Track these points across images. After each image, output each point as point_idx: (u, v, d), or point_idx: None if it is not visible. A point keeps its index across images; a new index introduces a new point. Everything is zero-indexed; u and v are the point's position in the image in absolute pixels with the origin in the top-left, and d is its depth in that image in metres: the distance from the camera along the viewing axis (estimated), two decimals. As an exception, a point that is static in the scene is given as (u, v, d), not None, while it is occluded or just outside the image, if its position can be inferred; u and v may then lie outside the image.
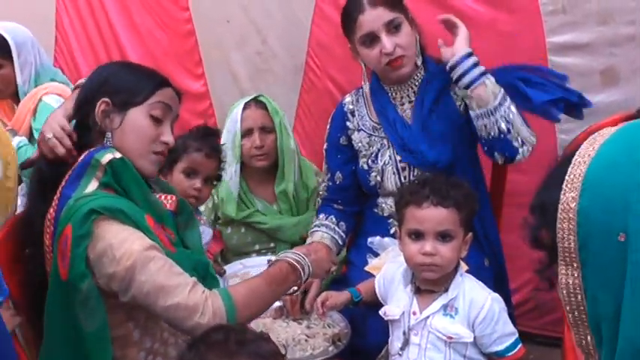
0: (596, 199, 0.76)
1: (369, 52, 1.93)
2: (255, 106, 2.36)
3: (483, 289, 1.65)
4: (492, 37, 2.42)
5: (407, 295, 1.67)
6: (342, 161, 2.12)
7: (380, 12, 1.90)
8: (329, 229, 2.08)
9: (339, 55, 2.63)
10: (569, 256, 0.79)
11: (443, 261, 1.58)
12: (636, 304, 0.73)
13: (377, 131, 2.05)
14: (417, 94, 2.00)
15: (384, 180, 2.02)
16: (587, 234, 0.76)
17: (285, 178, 2.37)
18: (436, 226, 1.57)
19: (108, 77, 1.55)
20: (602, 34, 2.33)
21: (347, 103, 2.13)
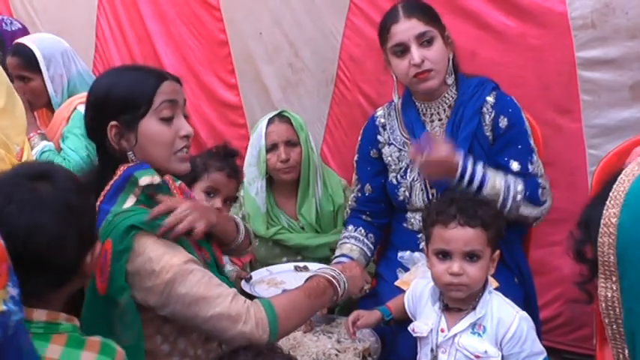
0: (635, 214, 0.80)
1: (398, 63, 1.98)
2: (279, 121, 2.42)
3: (512, 308, 1.68)
4: (522, 51, 2.45)
5: (435, 312, 1.70)
6: (371, 173, 2.16)
7: (413, 23, 1.95)
8: (358, 241, 2.12)
9: (370, 68, 2.69)
10: (609, 270, 0.83)
11: (470, 280, 1.61)
12: None
13: (407, 146, 2.08)
14: (450, 115, 2.03)
15: (413, 196, 2.06)
16: (626, 248, 0.80)
17: (310, 193, 2.41)
18: (463, 247, 1.61)
19: (106, 97, 1.51)
20: (632, 49, 2.33)
21: (379, 117, 2.17)
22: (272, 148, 2.40)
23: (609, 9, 2.31)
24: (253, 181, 2.44)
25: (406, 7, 1.99)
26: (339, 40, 2.75)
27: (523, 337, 1.63)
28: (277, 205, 2.49)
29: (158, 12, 3.08)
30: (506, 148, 1.98)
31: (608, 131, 2.43)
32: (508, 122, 1.98)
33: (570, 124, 2.48)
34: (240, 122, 3.08)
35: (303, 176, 2.42)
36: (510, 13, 2.44)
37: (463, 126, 2.00)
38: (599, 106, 2.44)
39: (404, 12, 1.97)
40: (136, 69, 1.59)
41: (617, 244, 0.81)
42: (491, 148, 2.00)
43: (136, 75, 1.54)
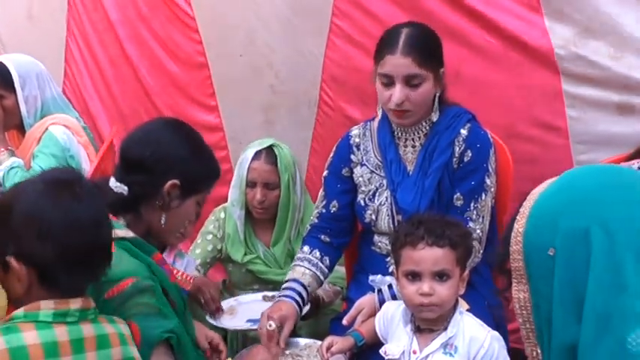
0: (535, 222, 0.98)
1: (381, 90, 2.04)
2: (264, 159, 2.48)
3: (482, 327, 1.74)
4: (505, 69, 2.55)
5: (407, 334, 1.77)
6: (340, 190, 2.20)
7: (407, 62, 1.97)
8: (312, 265, 2.14)
9: (353, 88, 2.78)
10: (519, 274, 1.00)
11: (441, 300, 1.68)
12: (562, 308, 0.93)
13: (379, 169, 2.15)
14: (424, 143, 2.09)
15: (379, 219, 2.12)
16: (530, 253, 0.98)
17: (284, 235, 2.50)
18: (432, 267, 1.68)
19: (182, 159, 1.70)
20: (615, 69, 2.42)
21: (353, 136, 2.23)
22: (251, 184, 2.49)
23: (589, 32, 2.42)
24: (236, 203, 2.53)
25: (407, 41, 1.99)
26: (320, 61, 2.84)
27: (495, 355, 1.70)
28: (255, 235, 2.57)
29: (134, 34, 3.18)
30: (459, 181, 2.06)
31: (596, 147, 2.52)
32: (471, 157, 2.05)
33: (557, 140, 2.57)
34: (222, 144, 3.16)
35: (280, 218, 2.51)
36: (492, 32, 2.54)
37: (436, 156, 2.07)
38: (586, 121, 2.53)
39: (403, 46, 1.98)
40: (211, 154, 1.82)
41: (524, 250, 0.98)
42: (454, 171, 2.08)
43: (210, 159, 1.80)
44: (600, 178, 1.00)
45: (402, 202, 2.08)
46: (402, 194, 2.09)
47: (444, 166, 2.06)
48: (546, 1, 2.44)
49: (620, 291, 0.89)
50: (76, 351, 1.32)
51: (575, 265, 0.92)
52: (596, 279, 0.90)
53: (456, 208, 2.05)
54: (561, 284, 0.93)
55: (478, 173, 2.06)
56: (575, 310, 0.92)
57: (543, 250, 0.95)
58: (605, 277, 0.90)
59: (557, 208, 0.97)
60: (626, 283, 0.89)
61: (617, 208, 0.94)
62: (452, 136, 2.07)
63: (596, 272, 0.91)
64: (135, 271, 1.56)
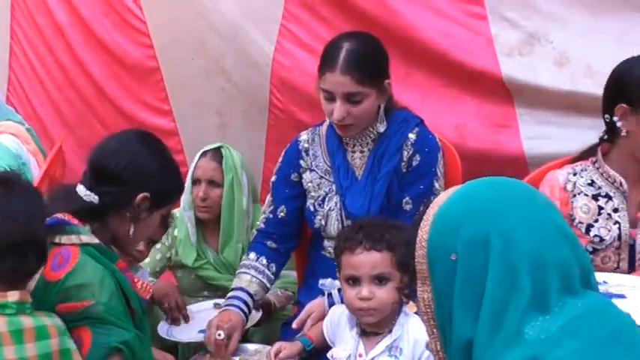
0: (439, 229, 1.08)
1: (324, 102, 2.08)
2: (210, 157, 2.56)
3: None
4: (453, 69, 2.63)
5: (353, 338, 1.83)
6: (289, 196, 2.25)
7: (346, 81, 2.00)
8: (258, 272, 2.18)
9: (303, 92, 2.82)
10: (423, 276, 1.10)
11: (380, 304, 1.74)
12: (461, 307, 1.03)
13: (328, 174, 2.20)
14: (372, 149, 2.14)
15: (328, 224, 2.17)
16: (434, 257, 1.08)
17: (233, 237, 2.53)
18: (370, 271, 1.74)
19: (155, 173, 1.75)
20: (560, 75, 2.54)
21: (302, 141, 2.27)
22: (196, 182, 2.55)
23: (534, 38, 2.52)
24: (187, 205, 2.58)
25: (348, 58, 2.01)
26: (269, 65, 2.89)
27: None
28: (204, 240, 2.62)
29: (85, 38, 3.18)
30: (408, 185, 2.12)
31: (546, 144, 2.60)
32: (420, 161, 2.11)
33: (509, 139, 2.66)
34: (178, 148, 3.19)
35: (224, 219, 2.55)
36: (438, 39, 2.61)
37: (385, 161, 2.13)
38: (537, 119, 2.63)
39: (342, 64, 2.00)
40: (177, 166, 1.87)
41: (428, 255, 1.09)
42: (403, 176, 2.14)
43: (178, 171, 1.87)
44: (498, 189, 1.11)
45: (351, 207, 2.13)
46: (350, 199, 2.14)
47: (392, 171, 2.12)
48: (492, 8, 2.54)
49: (515, 292, 1.00)
50: (17, 342, 1.42)
51: (475, 269, 1.03)
52: (494, 281, 1.01)
53: (405, 212, 2.11)
54: (462, 286, 1.03)
55: (427, 177, 2.12)
56: (473, 308, 1.02)
57: (446, 255, 1.05)
58: (502, 280, 1.00)
59: (458, 216, 1.07)
60: (520, 286, 1.00)
61: (513, 217, 1.04)
62: (400, 141, 2.13)
63: (494, 276, 1.01)
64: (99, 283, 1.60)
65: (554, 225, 1.06)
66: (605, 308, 1.05)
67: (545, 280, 1.00)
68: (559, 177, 2.07)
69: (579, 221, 2.00)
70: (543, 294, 1.00)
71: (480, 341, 1.00)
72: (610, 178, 2.02)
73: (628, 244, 2.00)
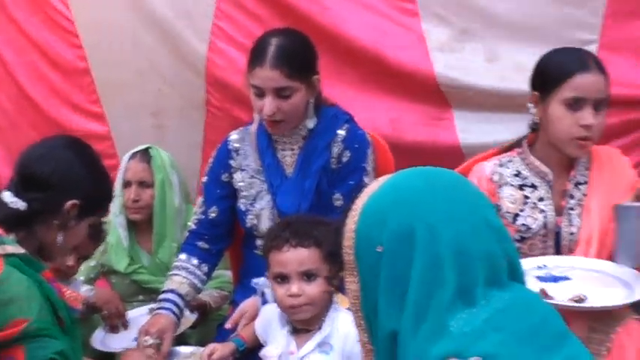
0: (366, 220, 1.07)
1: (254, 99, 2.09)
2: (139, 159, 2.56)
3: None
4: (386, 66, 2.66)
5: (284, 335, 1.84)
6: (220, 196, 2.24)
7: (275, 75, 2.02)
8: (189, 273, 2.17)
9: (238, 90, 2.77)
10: (351, 267, 1.10)
11: (310, 300, 1.76)
12: (386, 299, 1.03)
13: (259, 174, 2.20)
14: (302, 147, 2.16)
15: (260, 224, 2.18)
16: (360, 248, 1.08)
17: (167, 237, 2.52)
18: (298, 267, 1.75)
19: (84, 179, 1.71)
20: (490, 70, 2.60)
21: (232, 141, 2.27)
22: (126, 185, 2.55)
23: (465, 35, 2.58)
24: (117, 210, 2.56)
25: (276, 53, 2.03)
26: (203, 64, 2.87)
27: None
28: (137, 243, 2.60)
29: (9, 39, 3.10)
30: (339, 182, 2.14)
31: (482, 135, 2.66)
32: (350, 157, 2.14)
33: (444, 132, 2.72)
34: (110, 152, 3.13)
35: (156, 219, 2.55)
36: (368, 36, 2.65)
37: (314, 159, 2.14)
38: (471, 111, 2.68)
39: (271, 59, 2.02)
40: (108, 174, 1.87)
41: (355, 246, 1.08)
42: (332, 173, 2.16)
43: (109, 179, 1.87)
44: (426, 179, 1.09)
45: (282, 206, 2.14)
46: (281, 198, 2.15)
47: (322, 168, 2.14)
48: (423, 5, 2.58)
49: (440, 284, 0.99)
50: None
51: (400, 261, 1.01)
52: (419, 274, 1.00)
53: (336, 208, 2.12)
54: (387, 278, 1.02)
55: (357, 173, 2.14)
56: (398, 301, 1.01)
57: (372, 247, 1.04)
58: (427, 273, 0.99)
59: (385, 207, 1.06)
60: (445, 279, 0.99)
61: (440, 209, 1.03)
62: (330, 138, 2.15)
63: (419, 268, 1.00)
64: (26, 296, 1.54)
65: (482, 217, 1.05)
66: (531, 301, 1.05)
67: (471, 273, 1.00)
68: (485, 168, 2.11)
69: (506, 211, 2.05)
70: (469, 287, 0.99)
71: (404, 333, 1.00)
72: (535, 168, 2.07)
73: (554, 231, 2.05)
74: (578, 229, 2.03)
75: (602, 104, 1.98)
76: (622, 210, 1.88)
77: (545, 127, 2.04)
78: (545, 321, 1.02)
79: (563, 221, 2.05)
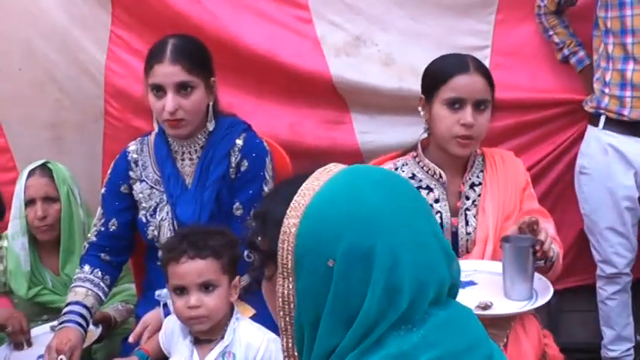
0: (314, 226, 0.98)
1: (154, 101, 2.10)
2: (39, 174, 2.48)
3: (260, 331, 1.86)
4: (278, 70, 2.71)
5: (187, 346, 1.85)
6: (119, 208, 2.23)
7: (176, 70, 2.05)
8: (93, 285, 2.15)
9: (138, 99, 2.73)
10: (287, 271, 0.99)
11: (209, 311, 1.78)
12: (331, 318, 0.96)
13: (158, 184, 2.21)
14: (201, 157, 2.17)
15: (161, 235, 2.18)
16: (303, 255, 0.98)
17: (75, 251, 2.46)
18: (196, 279, 1.77)
19: None
20: (387, 74, 2.70)
21: (131, 152, 2.26)
22: (30, 202, 2.47)
23: (360, 41, 2.65)
24: (17, 235, 2.48)
25: (175, 49, 2.07)
26: (102, 73, 2.84)
27: (272, 358, 1.81)
28: (41, 263, 2.54)
29: None
30: (238, 191, 2.17)
31: (380, 137, 2.75)
32: (248, 166, 2.16)
33: (344, 135, 2.79)
34: (10, 165, 3.04)
35: (64, 234, 2.48)
36: (265, 43, 2.69)
37: (213, 168, 2.16)
38: (370, 115, 2.77)
39: (171, 54, 2.06)
40: None
41: (296, 250, 0.98)
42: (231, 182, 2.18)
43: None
44: (385, 193, 1.01)
45: (182, 216, 2.14)
46: (181, 208, 2.15)
47: (221, 178, 2.15)
48: (316, 12, 2.65)
49: (392, 309, 0.95)
50: None
51: (354, 281, 0.95)
52: (376, 299, 0.94)
53: (236, 217, 2.15)
54: (337, 295, 0.96)
55: (256, 182, 2.17)
56: (345, 319, 0.96)
57: (321, 259, 0.96)
58: (382, 298, 0.94)
59: (339, 219, 0.97)
60: (399, 303, 0.95)
61: (401, 232, 0.98)
62: (227, 147, 2.17)
63: (375, 292, 0.94)
64: None
65: (437, 241, 1.02)
66: (466, 318, 1.03)
67: (422, 298, 0.97)
68: (381, 172, 2.18)
69: None
70: (416, 309, 0.97)
71: (343, 346, 0.95)
72: (430, 171, 2.16)
73: (450, 231, 2.15)
74: (474, 229, 2.13)
75: (484, 105, 2.09)
76: (504, 244, 1.93)
77: (432, 128, 2.14)
78: (479, 339, 1.01)
79: (459, 222, 2.14)
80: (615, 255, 2.73)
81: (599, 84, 2.66)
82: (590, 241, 2.81)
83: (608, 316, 2.81)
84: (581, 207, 2.80)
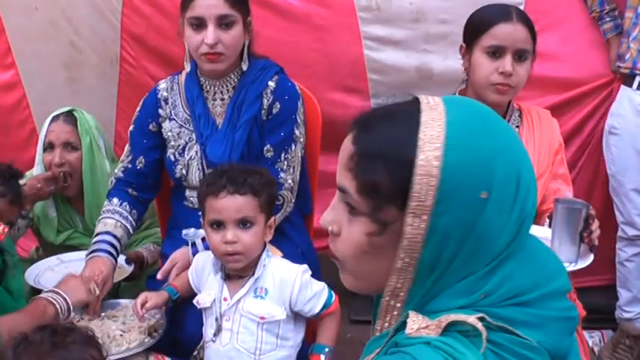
0: (462, 158, 0.91)
1: (192, 35, 2.09)
2: (63, 120, 2.47)
3: (291, 265, 1.90)
4: (307, 31, 2.74)
5: (217, 282, 1.89)
6: (147, 147, 2.25)
7: (219, 3, 2.05)
8: (122, 217, 2.19)
9: (153, 47, 2.84)
10: (421, 209, 0.91)
11: (245, 248, 1.81)
12: (467, 251, 0.93)
13: (188, 123, 2.22)
14: (232, 97, 2.18)
15: (189, 174, 2.20)
16: (451, 189, 0.91)
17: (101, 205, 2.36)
18: (234, 214, 1.80)
19: None
20: (416, 32, 2.72)
21: (161, 90, 2.26)
22: (49, 147, 2.46)
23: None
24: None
25: None
26: (118, 19, 2.85)
27: (307, 286, 1.87)
28: (70, 206, 2.54)
29: None
30: (269, 133, 2.18)
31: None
32: (280, 109, 2.18)
33: (360, 103, 2.80)
34: (23, 104, 3.06)
35: (87, 185, 2.46)
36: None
37: (244, 109, 2.17)
38: (388, 84, 2.78)
39: None
40: None
41: (440, 186, 0.91)
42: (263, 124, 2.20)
43: None
44: (503, 124, 1.00)
45: (212, 156, 2.16)
46: (211, 148, 2.17)
47: (252, 119, 2.16)
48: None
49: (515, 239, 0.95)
50: None
51: (503, 211, 0.93)
52: (509, 226, 0.94)
53: (266, 159, 2.17)
54: (483, 227, 0.92)
55: (287, 125, 2.19)
56: (478, 252, 0.93)
57: (473, 191, 0.91)
58: (515, 225, 0.94)
59: (489, 148, 0.93)
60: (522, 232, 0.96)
61: (526, 161, 0.98)
62: (260, 89, 2.17)
63: (512, 219, 0.94)
64: None
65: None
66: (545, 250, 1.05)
67: (527, 229, 0.98)
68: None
69: None
70: (522, 239, 0.97)
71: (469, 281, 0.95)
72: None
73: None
74: None
75: (524, 55, 2.09)
76: (557, 204, 1.95)
77: (470, 77, 2.16)
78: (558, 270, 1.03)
79: None
80: (638, 217, 2.75)
81: (637, 44, 2.66)
82: (614, 203, 2.82)
83: (625, 277, 2.84)
84: (608, 168, 2.81)
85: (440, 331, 0.92)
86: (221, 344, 1.87)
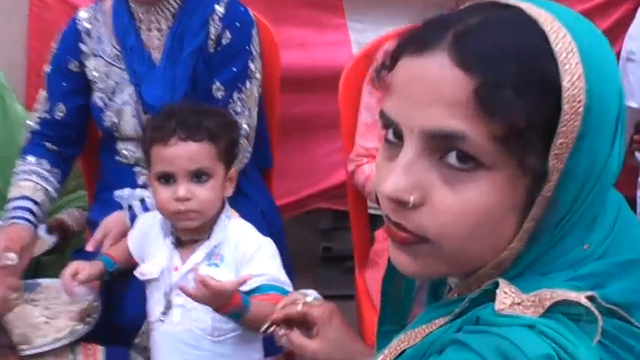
0: (601, 77, 0.74)
1: None
2: None
3: (253, 230, 1.64)
4: None
5: (167, 248, 1.61)
6: (67, 91, 1.95)
7: None
8: (41, 178, 1.89)
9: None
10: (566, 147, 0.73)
11: (200, 205, 1.53)
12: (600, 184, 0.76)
13: (118, 60, 1.92)
14: (172, 26, 1.89)
15: (122, 122, 1.92)
16: (592, 119, 0.73)
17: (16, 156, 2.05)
18: (187, 165, 1.52)
19: None
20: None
21: (82, 20, 1.94)
22: None
23: None
24: None
25: None
26: None
27: (264, 259, 1.59)
28: None
29: None
30: (218, 68, 1.91)
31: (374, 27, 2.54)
32: (231, 39, 1.90)
33: (333, 20, 2.63)
34: None
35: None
36: None
37: (188, 40, 1.88)
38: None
39: None
40: None
41: (585, 115, 0.72)
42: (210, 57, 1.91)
43: None
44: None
45: (149, 98, 1.87)
46: (148, 88, 1.88)
47: (197, 51, 1.88)
48: None
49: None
50: None
51: (621, 146, 0.78)
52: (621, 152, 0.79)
53: (216, 100, 1.90)
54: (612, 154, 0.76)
55: (240, 58, 1.91)
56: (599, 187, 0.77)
57: (610, 120, 0.75)
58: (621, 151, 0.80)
59: (613, 61, 0.78)
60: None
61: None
62: (205, 15, 1.88)
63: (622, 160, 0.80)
64: None
65: None
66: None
67: None
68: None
69: None
70: None
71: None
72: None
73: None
74: None
75: None
76: None
77: None
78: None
79: None
80: None
81: None
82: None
83: None
84: (626, 100, 2.67)
85: (542, 312, 0.71)
86: (172, 324, 1.59)
